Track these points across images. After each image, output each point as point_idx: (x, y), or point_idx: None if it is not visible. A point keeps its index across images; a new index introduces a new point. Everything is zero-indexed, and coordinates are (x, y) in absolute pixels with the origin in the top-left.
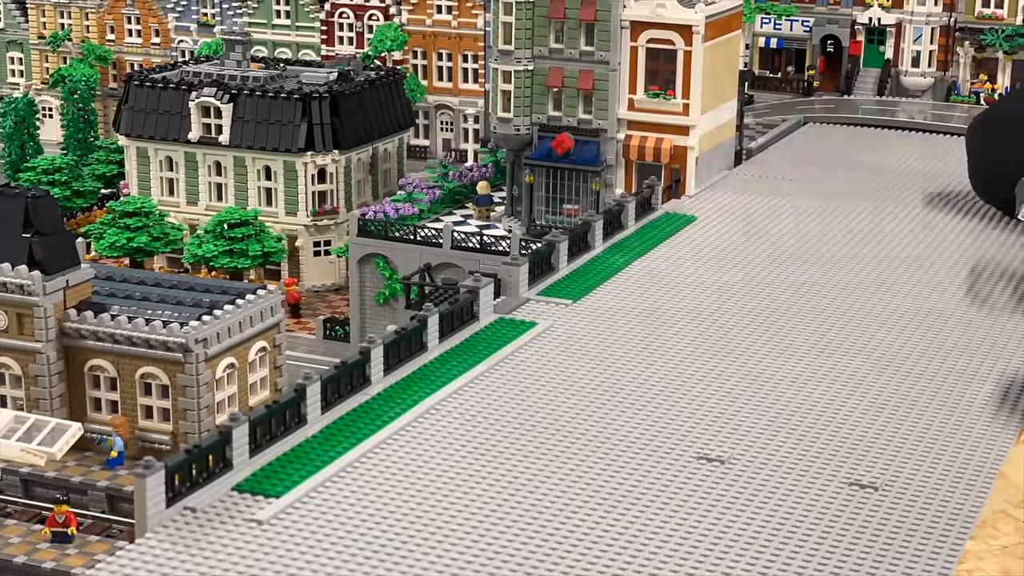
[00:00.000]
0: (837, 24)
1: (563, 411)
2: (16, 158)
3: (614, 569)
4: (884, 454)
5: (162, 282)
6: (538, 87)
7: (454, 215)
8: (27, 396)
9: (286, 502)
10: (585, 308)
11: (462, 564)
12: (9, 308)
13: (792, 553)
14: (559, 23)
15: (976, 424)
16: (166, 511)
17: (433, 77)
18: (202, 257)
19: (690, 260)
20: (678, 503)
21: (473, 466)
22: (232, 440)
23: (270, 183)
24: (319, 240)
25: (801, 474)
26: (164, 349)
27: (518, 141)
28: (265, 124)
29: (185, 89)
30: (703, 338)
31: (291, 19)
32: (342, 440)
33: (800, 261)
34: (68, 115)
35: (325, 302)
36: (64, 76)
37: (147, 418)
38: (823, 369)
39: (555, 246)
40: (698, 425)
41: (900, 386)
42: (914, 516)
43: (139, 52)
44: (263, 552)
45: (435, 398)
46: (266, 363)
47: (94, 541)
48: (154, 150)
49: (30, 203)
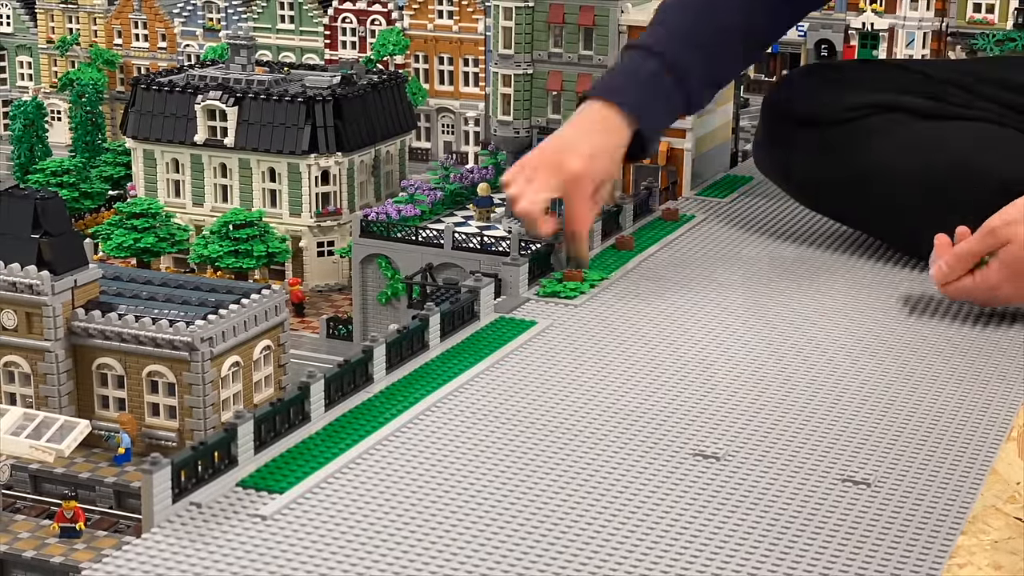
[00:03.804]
0: (831, 29)
1: (562, 407)
2: (25, 160)
3: (611, 564)
4: (877, 451)
5: (168, 282)
6: (537, 91)
7: (455, 216)
8: (36, 394)
9: (290, 497)
10: (585, 307)
11: (462, 558)
12: (18, 307)
13: (787, 547)
14: (558, 28)
15: (968, 421)
16: (172, 506)
17: (434, 81)
18: (208, 257)
19: (690, 259)
20: (674, 499)
21: (474, 461)
22: (237, 437)
23: (274, 185)
24: (323, 241)
25: (795, 470)
26: (170, 348)
27: (518, 143)
28: (269, 127)
29: (191, 92)
30: (702, 336)
31: (295, 24)
32: (345, 437)
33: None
34: (76, 118)
35: (328, 301)
36: (72, 80)
37: (154, 415)
38: (818, 366)
39: (554, 247)
40: (695, 422)
41: (893, 382)
42: (906, 512)
43: (146, 56)
44: (267, 547)
45: (437, 395)
46: (270, 361)
47: (102, 536)
48: (160, 152)
49: (39, 204)
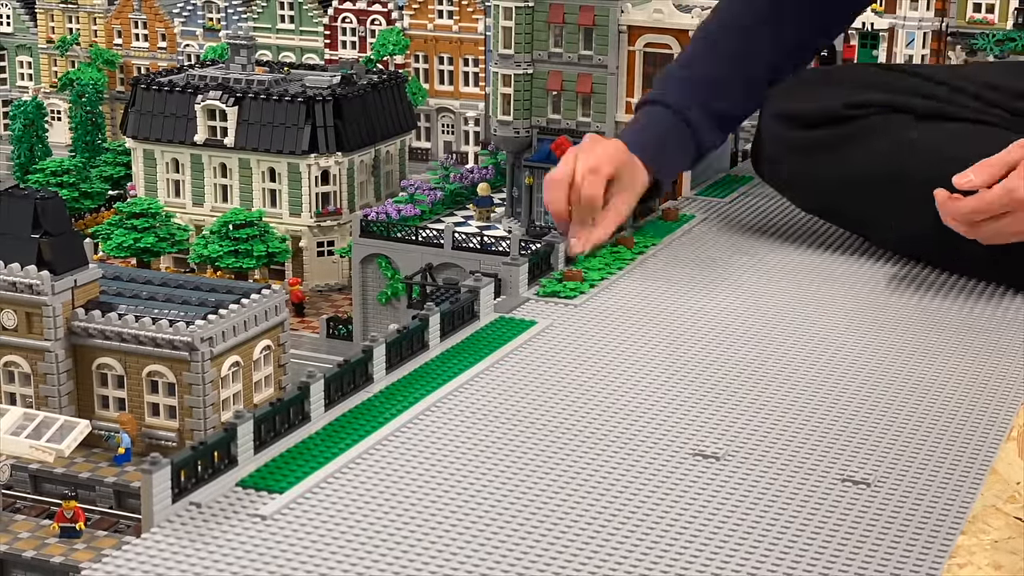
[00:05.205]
0: None
1: (563, 407)
2: (25, 160)
3: (611, 563)
4: (877, 451)
5: (168, 282)
6: (537, 90)
7: (455, 216)
8: (36, 394)
9: (290, 497)
10: (585, 307)
11: (462, 558)
12: (18, 307)
13: (787, 547)
14: (558, 28)
15: (967, 420)
16: (172, 506)
17: (434, 81)
18: (208, 257)
19: (690, 259)
20: (674, 498)
21: (474, 461)
22: (237, 437)
23: (274, 185)
24: (322, 240)
25: (795, 470)
26: (170, 347)
27: (518, 143)
28: (269, 127)
29: (191, 92)
30: (702, 336)
31: (295, 24)
32: (345, 437)
33: (799, 263)
34: (76, 118)
35: (328, 301)
36: (72, 80)
37: (154, 415)
38: (818, 365)
39: (554, 246)
40: (695, 421)
41: (893, 382)
42: (906, 511)
43: (146, 56)
44: (267, 546)
45: (437, 395)
46: (270, 361)
47: (102, 536)
48: (160, 152)
49: (39, 204)
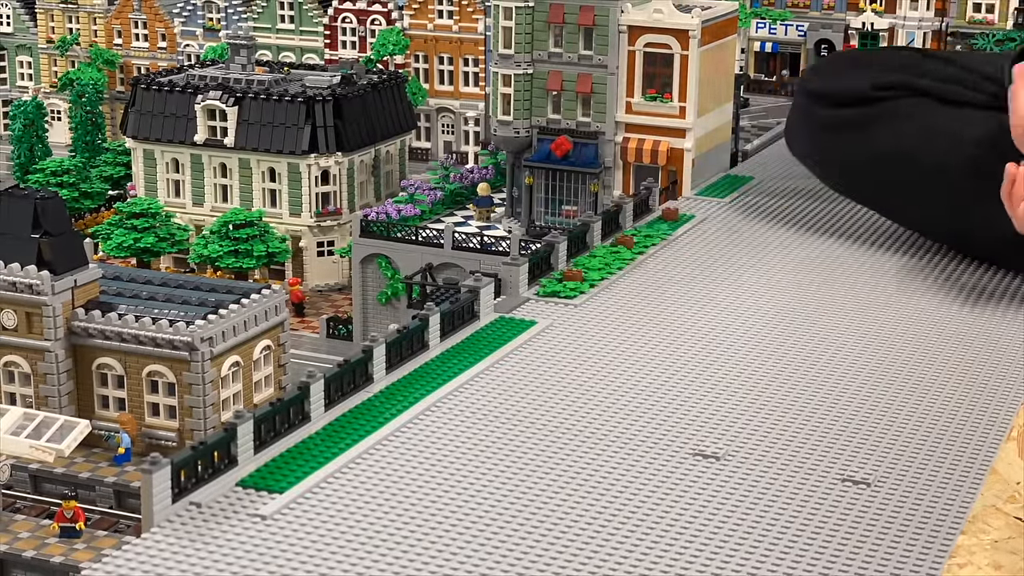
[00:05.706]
0: (831, 29)
1: (562, 407)
2: (25, 160)
3: (611, 563)
4: (877, 451)
5: (168, 282)
6: (537, 90)
7: (455, 216)
8: (36, 394)
9: (290, 497)
10: (585, 307)
11: (462, 558)
12: (19, 307)
13: (787, 546)
14: (558, 28)
15: (967, 420)
16: (172, 506)
17: (434, 80)
18: (208, 257)
19: (690, 259)
20: (674, 498)
21: (474, 461)
22: (237, 437)
23: (274, 184)
24: (323, 240)
25: (795, 470)
26: (170, 347)
27: (518, 143)
28: (269, 127)
29: (191, 92)
30: (702, 335)
31: (295, 24)
32: (345, 437)
33: (799, 263)
34: (76, 118)
35: (328, 301)
36: (72, 80)
37: (154, 415)
38: (818, 366)
39: (554, 246)
40: (695, 421)
41: (893, 383)
42: (906, 511)
43: (146, 56)
44: (267, 546)
45: (437, 395)
46: (270, 361)
47: (102, 536)
48: (160, 152)
49: (39, 204)
